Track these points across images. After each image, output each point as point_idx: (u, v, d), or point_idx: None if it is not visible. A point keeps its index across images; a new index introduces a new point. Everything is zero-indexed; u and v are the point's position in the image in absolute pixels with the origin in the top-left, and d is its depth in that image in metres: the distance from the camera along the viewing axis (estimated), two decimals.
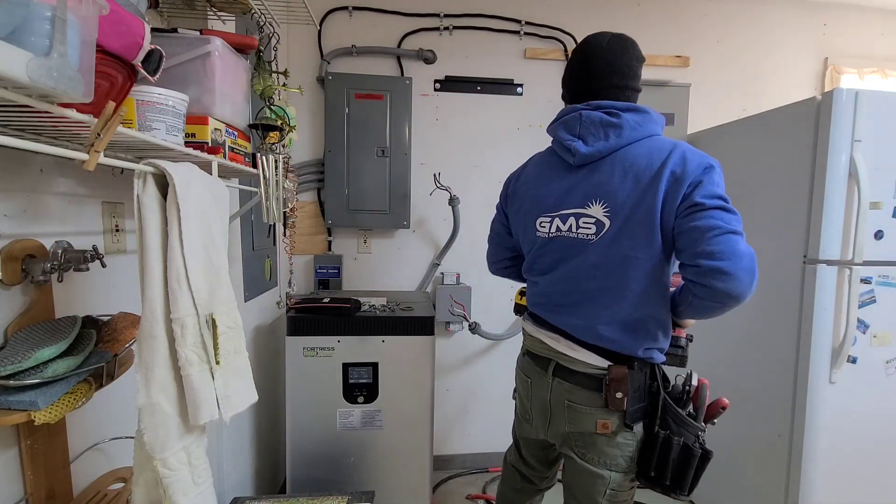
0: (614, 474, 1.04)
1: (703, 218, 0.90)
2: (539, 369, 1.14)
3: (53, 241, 0.81)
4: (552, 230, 1.09)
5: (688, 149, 0.97)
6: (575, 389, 1.06)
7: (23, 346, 0.69)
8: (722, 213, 0.91)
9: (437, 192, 2.16)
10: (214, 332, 0.81)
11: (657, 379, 1.04)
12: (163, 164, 0.75)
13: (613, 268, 1.00)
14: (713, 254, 0.88)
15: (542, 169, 1.16)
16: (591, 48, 1.06)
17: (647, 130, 1.01)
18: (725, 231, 0.88)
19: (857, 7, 2.41)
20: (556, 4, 2.22)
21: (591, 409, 1.04)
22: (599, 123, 1.01)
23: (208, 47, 0.95)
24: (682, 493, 1.01)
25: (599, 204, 1.01)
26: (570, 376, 1.07)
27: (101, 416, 0.94)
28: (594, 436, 1.04)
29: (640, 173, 0.97)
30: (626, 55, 1.05)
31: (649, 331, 1.02)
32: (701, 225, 0.90)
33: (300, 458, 1.70)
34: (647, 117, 1.01)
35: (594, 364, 1.03)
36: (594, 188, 1.02)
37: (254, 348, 1.73)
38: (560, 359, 1.09)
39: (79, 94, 0.53)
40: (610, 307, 1.02)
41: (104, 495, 0.89)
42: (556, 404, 1.10)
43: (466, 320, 2.15)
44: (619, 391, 1.00)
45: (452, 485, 2.22)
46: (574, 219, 1.04)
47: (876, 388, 1.55)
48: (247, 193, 1.58)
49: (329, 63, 2.11)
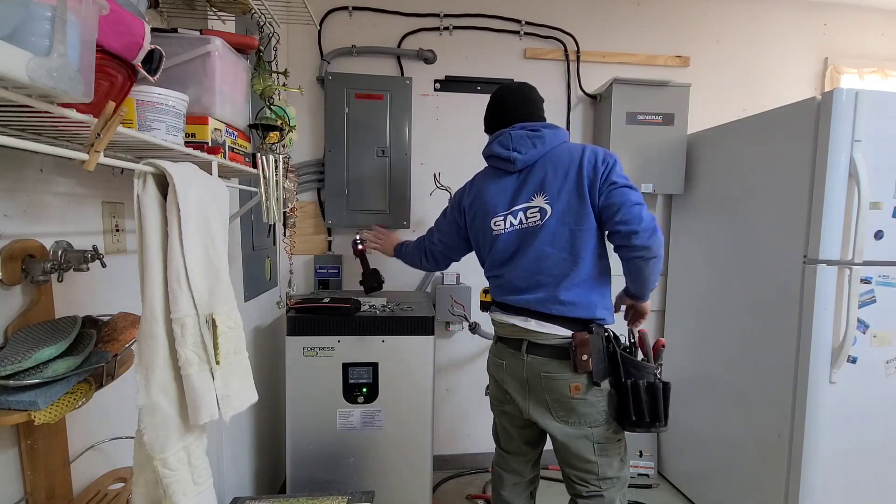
0: (595, 430, 1.26)
1: (618, 195, 1.21)
2: (512, 350, 1.33)
3: (53, 241, 0.81)
4: (507, 226, 1.33)
5: (593, 146, 1.30)
6: (548, 361, 1.26)
7: (23, 346, 0.69)
8: (628, 190, 1.21)
9: (437, 192, 2.16)
10: (214, 332, 0.81)
11: (611, 341, 1.27)
12: (163, 164, 0.75)
13: (563, 242, 1.26)
14: (627, 221, 1.18)
15: (487, 181, 1.40)
16: (506, 91, 1.42)
17: (561, 138, 1.33)
18: (633, 203, 1.19)
19: (857, 7, 2.41)
20: (556, 4, 2.22)
21: (563, 374, 1.24)
22: (527, 137, 1.31)
23: (208, 47, 0.96)
24: (662, 424, 1.23)
25: (541, 195, 1.28)
26: (541, 350, 1.27)
27: (101, 416, 0.94)
28: (570, 400, 1.24)
29: (566, 167, 1.27)
30: (533, 93, 1.41)
31: (600, 294, 1.28)
32: (615, 201, 1.20)
33: (300, 458, 1.70)
34: (558, 130, 1.34)
35: (560, 335, 1.24)
36: (534, 185, 1.29)
37: (254, 348, 1.73)
38: (531, 336, 1.28)
39: (79, 94, 0.53)
40: (567, 274, 1.25)
41: (104, 495, 0.89)
42: (532, 378, 1.29)
43: (466, 320, 2.15)
44: (584, 353, 1.21)
45: (452, 485, 2.22)
46: (523, 213, 1.30)
47: (876, 388, 1.55)
48: (247, 193, 1.58)
49: (329, 63, 2.11)
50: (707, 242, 2.02)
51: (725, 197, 1.92)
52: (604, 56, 2.25)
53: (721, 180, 1.96)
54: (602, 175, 1.23)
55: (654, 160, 2.10)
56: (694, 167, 2.12)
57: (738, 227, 1.84)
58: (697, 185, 2.10)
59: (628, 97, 2.08)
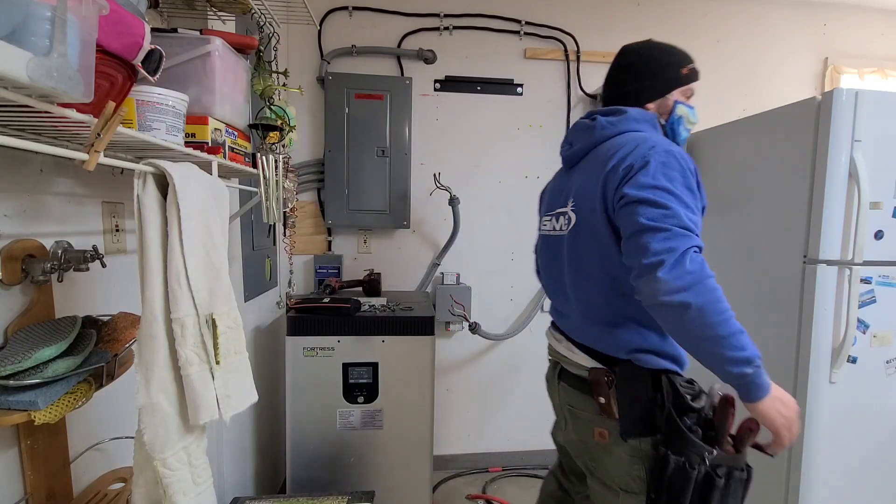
0: (625, 496, 0.96)
1: (624, 216, 0.88)
2: (550, 372, 1.16)
3: (53, 241, 0.81)
4: (548, 229, 1.15)
5: (645, 140, 0.93)
6: (573, 393, 1.04)
7: (23, 346, 0.69)
8: (639, 206, 0.85)
9: (437, 192, 2.16)
10: (214, 332, 0.81)
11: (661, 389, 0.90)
12: (163, 163, 0.75)
13: (576, 261, 1.01)
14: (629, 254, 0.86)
15: (554, 178, 1.24)
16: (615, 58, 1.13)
17: (619, 129, 1.01)
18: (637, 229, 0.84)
19: (857, 7, 2.41)
20: (556, 4, 2.22)
21: (588, 414, 1.01)
22: (581, 128, 1.09)
23: (208, 47, 0.95)
24: None
25: (571, 199, 1.04)
26: (568, 379, 1.06)
27: (101, 416, 0.94)
28: (597, 447, 1.00)
29: (598, 167, 0.97)
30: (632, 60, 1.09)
31: (631, 329, 0.95)
32: (622, 223, 0.89)
33: (300, 458, 1.70)
34: (623, 117, 1.02)
35: (585, 366, 1.00)
36: (571, 186, 1.06)
37: (254, 348, 1.73)
38: (563, 361, 1.09)
39: (79, 94, 0.53)
40: (583, 301, 1.01)
41: (104, 495, 0.89)
42: (562, 409, 1.11)
43: (466, 320, 2.15)
44: (599, 395, 0.96)
45: (452, 485, 2.22)
46: (557, 217, 1.10)
47: (876, 388, 1.55)
48: (247, 193, 1.58)
49: (329, 63, 2.11)
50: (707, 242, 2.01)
51: (725, 197, 1.92)
52: (604, 56, 2.25)
53: (721, 180, 1.95)
54: (618, 184, 0.90)
55: None
56: None
57: (737, 227, 1.84)
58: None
59: None
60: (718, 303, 0.79)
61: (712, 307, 0.78)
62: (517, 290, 2.33)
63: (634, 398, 0.93)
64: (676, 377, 0.92)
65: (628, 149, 0.92)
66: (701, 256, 0.83)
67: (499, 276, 2.31)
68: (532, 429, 2.40)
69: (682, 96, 1.09)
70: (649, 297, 0.82)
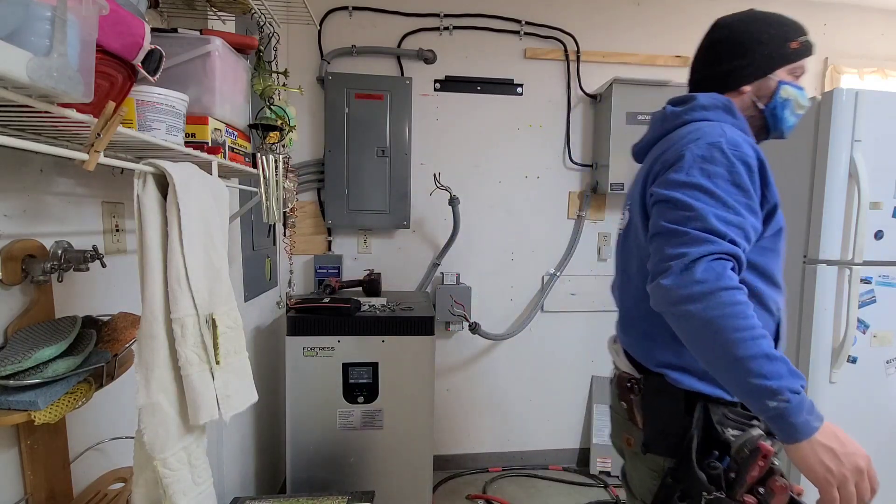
0: None
1: (653, 215, 0.81)
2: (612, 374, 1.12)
3: (53, 241, 0.81)
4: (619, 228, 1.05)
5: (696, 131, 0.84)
6: (613, 394, 1.00)
7: (23, 346, 0.69)
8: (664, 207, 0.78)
9: (437, 192, 2.16)
10: (214, 332, 0.81)
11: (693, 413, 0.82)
12: (163, 164, 0.75)
13: (622, 262, 0.97)
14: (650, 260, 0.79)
15: None
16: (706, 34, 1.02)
17: (683, 119, 0.90)
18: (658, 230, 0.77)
19: (857, 7, 2.40)
20: (556, 4, 2.22)
21: (620, 417, 0.96)
22: (652, 120, 0.99)
23: (208, 47, 0.95)
24: None
25: (628, 198, 0.97)
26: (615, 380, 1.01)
27: (101, 416, 0.94)
28: (628, 452, 0.95)
29: (648, 163, 0.91)
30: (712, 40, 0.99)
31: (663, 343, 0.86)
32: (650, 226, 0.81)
33: (300, 458, 1.70)
34: (690, 105, 0.91)
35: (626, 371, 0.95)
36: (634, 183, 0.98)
37: (254, 348, 1.73)
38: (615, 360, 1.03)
39: (79, 94, 0.53)
40: (622, 305, 0.97)
41: (104, 495, 0.89)
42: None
43: (466, 320, 2.15)
44: (623, 400, 0.92)
45: (452, 485, 2.22)
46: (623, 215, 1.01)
47: (876, 388, 1.55)
48: (247, 193, 1.58)
49: (329, 63, 2.11)
50: None
51: None
52: (604, 56, 2.25)
53: None
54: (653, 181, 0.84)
55: None
56: None
57: None
58: None
59: (628, 97, 2.08)
60: (736, 318, 0.67)
61: (726, 323, 0.67)
62: (517, 290, 2.33)
63: (659, 414, 0.86)
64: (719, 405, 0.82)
65: (673, 141, 0.85)
66: (724, 264, 0.71)
67: (499, 276, 2.31)
68: (532, 429, 2.40)
69: (788, 75, 0.92)
70: (655, 306, 0.76)
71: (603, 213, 2.34)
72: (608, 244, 2.34)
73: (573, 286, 2.34)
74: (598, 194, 2.30)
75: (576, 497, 2.15)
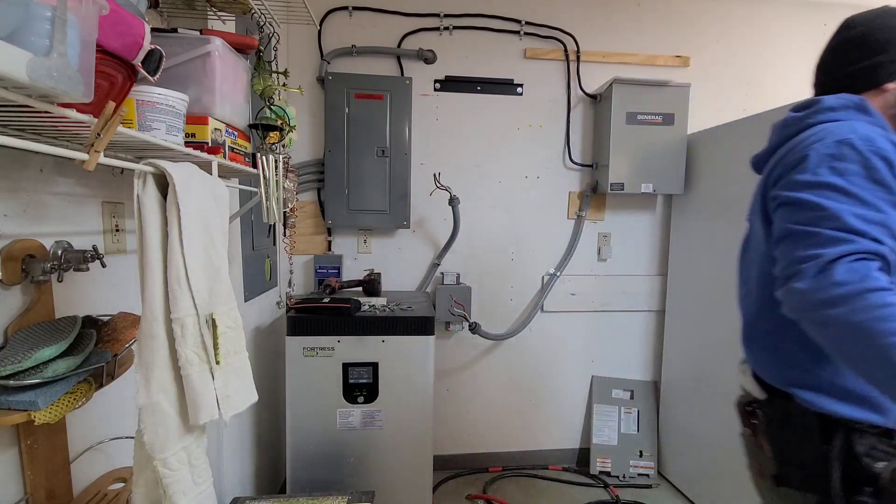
0: None
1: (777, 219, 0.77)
2: None
3: (53, 241, 0.81)
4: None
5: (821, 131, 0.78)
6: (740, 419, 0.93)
7: (23, 346, 0.69)
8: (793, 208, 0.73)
9: (437, 192, 2.16)
10: (214, 332, 0.81)
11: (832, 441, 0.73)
12: (163, 164, 0.75)
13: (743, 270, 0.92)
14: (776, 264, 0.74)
15: None
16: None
17: (806, 123, 0.84)
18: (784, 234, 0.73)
19: (857, 7, 2.40)
20: (556, 4, 2.22)
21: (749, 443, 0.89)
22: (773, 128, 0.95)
23: (208, 47, 0.95)
24: None
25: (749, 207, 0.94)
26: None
27: (101, 416, 0.94)
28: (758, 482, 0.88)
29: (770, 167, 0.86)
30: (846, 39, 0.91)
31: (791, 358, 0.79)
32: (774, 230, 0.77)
33: (300, 458, 1.70)
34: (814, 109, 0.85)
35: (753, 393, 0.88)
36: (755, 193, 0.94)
37: (254, 348, 1.73)
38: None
39: (79, 94, 0.53)
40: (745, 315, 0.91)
41: (104, 495, 0.89)
42: None
43: (466, 320, 2.15)
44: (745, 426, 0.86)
45: (452, 485, 2.22)
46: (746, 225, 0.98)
47: None
48: (247, 193, 1.58)
49: (329, 63, 2.11)
50: (707, 242, 2.02)
51: (725, 197, 1.92)
52: (604, 56, 2.25)
53: (721, 180, 1.96)
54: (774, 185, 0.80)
55: (654, 160, 2.10)
56: (694, 167, 2.12)
57: (738, 227, 1.83)
58: (697, 185, 2.10)
59: (628, 97, 2.08)
60: (885, 322, 0.60)
61: (880, 327, 0.60)
62: (517, 290, 2.34)
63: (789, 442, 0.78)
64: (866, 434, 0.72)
65: (794, 144, 0.80)
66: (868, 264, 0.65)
67: (499, 276, 2.31)
68: (532, 429, 2.40)
69: None
70: (789, 312, 0.70)
71: (603, 213, 2.34)
72: (608, 244, 2.35)
73: (573, 286, 2.34)
74: (598, 194, 2.30)
75: (576, 497, 2.15)
